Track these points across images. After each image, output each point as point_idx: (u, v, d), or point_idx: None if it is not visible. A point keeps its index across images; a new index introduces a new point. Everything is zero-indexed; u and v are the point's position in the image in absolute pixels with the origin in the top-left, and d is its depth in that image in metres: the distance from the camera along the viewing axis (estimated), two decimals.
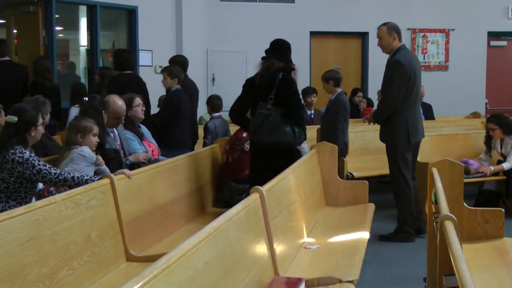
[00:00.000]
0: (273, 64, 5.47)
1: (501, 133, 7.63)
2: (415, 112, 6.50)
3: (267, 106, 5.38)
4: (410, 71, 6.29)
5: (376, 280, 5.33)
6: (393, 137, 6.44)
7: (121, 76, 7.27)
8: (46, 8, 9.27)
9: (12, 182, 4.28)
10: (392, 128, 6.44)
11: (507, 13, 12.91)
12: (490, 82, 13.09)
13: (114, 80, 7.21)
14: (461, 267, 2.21)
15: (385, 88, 6.46)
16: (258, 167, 5.53)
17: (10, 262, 3.13)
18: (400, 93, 6.29)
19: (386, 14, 11.77)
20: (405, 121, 6.36)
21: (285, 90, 5.42)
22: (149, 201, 4.83)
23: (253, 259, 3.37)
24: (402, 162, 6.41)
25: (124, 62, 7.39)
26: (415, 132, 6.45)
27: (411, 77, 6.30)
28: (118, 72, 7.37)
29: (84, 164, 4.73)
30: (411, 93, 6.36)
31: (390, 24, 6.48)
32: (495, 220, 4.39)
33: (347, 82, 12.48)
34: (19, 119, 4.35)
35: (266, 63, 5.52)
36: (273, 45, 5.65)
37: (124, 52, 8.06)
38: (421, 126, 6.61)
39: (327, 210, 5.99)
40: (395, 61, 6.33)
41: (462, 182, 4.48)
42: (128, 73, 7.37)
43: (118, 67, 7.43)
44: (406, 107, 6.37)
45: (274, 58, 5.50)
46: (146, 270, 2.15)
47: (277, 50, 5.58)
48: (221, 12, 11.92)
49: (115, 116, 5.58)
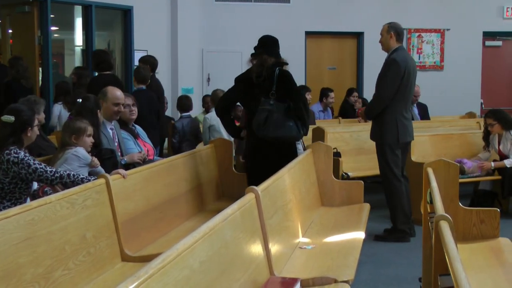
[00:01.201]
0: (266, 60, 5.47)
1: (500, 128, 7.64)
2: (405, 113, 6.53)
3: (270, 101, 5.39)
4: (404, 70, 6.32)
5: (372, 280, 5.33)
6: (382, 135, 6.49)
7: (101, 77, 7.44)
8: (41, 8, 9.27)
9: (7, 182, 4.27)
10: (381, 127, 6.49)
11: (502, 13, 12.94)
12: (485, 82, 13.12)
13: (94, 81, 7.42)
14: (457, 267, 2.21)
15: (378, 85, 6.50)
16: (260, 162, 5.55)
17: (5, 262, 3.12)
18: (391, 90, 6.33)
19: (381, 14, 11.81)
20: (395, 120, 6.41)
21: (286, 85, 5.46)
22: (144, 201, 4.83)
23: (249, 259, 3.37)
24: (391, 160, 6.46)
25: (103, 63, 7.52)
26: (405, 132, 6.48)
27: (405, 76, 6.33)
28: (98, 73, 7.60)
29: (77, 164, 4.73)
30: (404, 93, 6.39)
31: (393, 23, 6.53)
32: (490, 220, 4.40)
33: (343, 82, 12.53)
34: (16, 119, 4.34)
35: (258, 59, 5.52)
36: (261, 42, 5.66)
37: (103, 53, 8.16)
38: (411, 127, 6.64)
39: (323, 210, 5.99)
40: (391, 59, 6.39)
41: (457, 182, 4.48)
42: (108, 74, 7.50)
43: (97, 68, 7.59)
44: (397, 106, 6.40)
45: (264, 53, 5.50)
46: (141, 270, 2.15)
47: (265, 46, 5.58)
48: (216, 12, 11.92)
49: (115, 102, 5.60)
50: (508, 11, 12.96)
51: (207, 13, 11.83)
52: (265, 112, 5.37)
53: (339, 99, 11.86)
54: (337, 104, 11.88)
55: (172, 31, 11.18)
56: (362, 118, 7.04)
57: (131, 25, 10.52)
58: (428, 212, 4.21)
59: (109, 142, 5.49)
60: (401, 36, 6.50)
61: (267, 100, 5.40)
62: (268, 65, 5.46)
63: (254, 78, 5.48)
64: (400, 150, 6.55)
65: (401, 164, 6.57)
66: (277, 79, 5.43)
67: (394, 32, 6.43)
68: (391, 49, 6.47)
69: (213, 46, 11.78)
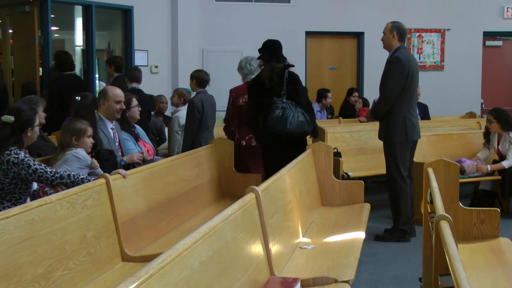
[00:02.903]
0: (275, 66, 5.95)
1: (499, 128, 7.63)
2: (412, 111, 6.53)
3: (283, 100, 5.88)
4: (408, 68, 6.32)
5: (372, 280, 5.33)
6: (391, 134, 6.46)
7: (62, 77, 7.69)
8: (41, 8, 9.26)
9: (7, 183, 4.26)
10: (390, 126, 6.46)
11: (502, 13, 12.93)
12: (485, 82, 13.10)
13: (54, 81, 7.58)
14: (457, 267, 2.21)
15: (382, 84, 6.49)
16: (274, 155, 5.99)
17: (5, 262, 3.12)
18: (397, 88, 6.32)
19: (381, 14, 11.80)
20: (403, 118, 6.39)
21: (294, 85, 5.97)
22: (144, 201, 4.83)
23: (249, 259, 3.37)
24: (400, 160, 6.44)
25: (64, 64, 7.83)
26: (413, 130, 6.46)
27: (409, 75, 6.33)
28: (59, 73, 7.83)
29: (77, 165, 4.72)
30: (408, 91, 6.39)
31: (397, 23, 6.53)
32: (490, 220, 4.40)
33: (343, 82, 12.53)
34: (16, 119, 4.33)
35: (268, 65, 5.98)
36: (267, 47, 6.06)
37: (64, 53, 8.38)
38: (418, 125, 6.62)
39: (323, 210, 5.99)
40: (394, 57, 6.39)
41: (457, 182, 4.48)
42: (69, 74, 7.75)
43: (59, 68, 7.87)
44: (403, 104, 6.40)
45: (273, 60, 5.98)
46: (141, 270, 2.15)
47: (273, 52, 6.03)
48: (216, 12, 11.91)
49: (117, 100, 5.61)
50: (508, 11, 12.94)
51: (207, 13, 11.82)
52: (279, 109, 5.84)
53: (339, 99, 11.86)
54: (338, 104, 11.88)
55: (172, 31, 11.17)
56: (367, 119, 7.05)
57: (131, 25, 10.51)
58: (428, 212, 4.21)
59: (110, 142, 5.49)
60: (403, 36, 6.50)
61: (280, 99, 5.89)
62: (278, 70, 5.95)
63: (267, 83, 5.95)
64: (409, 149, 6.55)
65: (408, 164, 6.57)
66: (287, 81, 5.94)
67: (397, 32, 6.43)
68: (392, 48, 6.47)
69: (213, 46, 11.78)
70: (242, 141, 6.76)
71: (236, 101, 6.76)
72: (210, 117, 7.46)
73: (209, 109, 7.39)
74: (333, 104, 11.63)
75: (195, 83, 7.54)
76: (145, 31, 10.63)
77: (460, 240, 4.21)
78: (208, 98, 7.48)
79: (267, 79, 5.95)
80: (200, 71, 7.73)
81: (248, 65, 6.91)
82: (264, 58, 6.03)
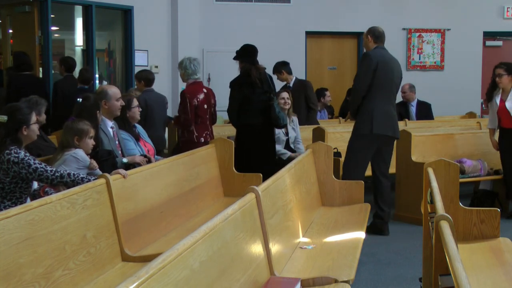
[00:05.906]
0: (260, 67, 6.87)
1: (509, 81, 7.43)
2: (386, 106, 6.59)
3: (274, 98, 6.92)
4: (376, 62, 6.48)
5: (372, 280, 5.33)
6: (358, 127, 6.63)
7: (20, 77, 7.86)
8: (41, 8, 9.25)
9: (7, 182, 4.27)
10: (357, 119, 6.64)
11: (502, 13, 12.93)
12: (485, 82, 13.04)
13: (13, 81, 7.76)
14: (457, 267, 2.21)
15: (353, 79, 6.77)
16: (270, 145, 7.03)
17: (5, 262, 3.12)
18: (364, 82, 6.49)
19: (381, 14, 11.81)
20: (371, 111, 6.49)
21: (272, 84, 6.99)
22: (144, 201, 4.82)
23: (249, 259, 3.37)
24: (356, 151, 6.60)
25: (23, 64, 8.03)
26: (380, 124, 6.50)
27: (378, 68, 6.47)
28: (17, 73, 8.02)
29: (75, 166, 4.72)
30: (379, 85, 6.49)
31: (371, 28, 6.76)
32: (490, 220, 4.40)
33: (343, 82, 12.53)
34: (9, 119, 4.33)
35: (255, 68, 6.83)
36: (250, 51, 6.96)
37: (23, 54, 8.53)
38: (392, 122, 6.66)
39: (323, 210, 6.00)
40: (363, 54, 6.81)
41: (457, 182, 4.48)
42: (27, 74, 7.92)
43: (17, 68, 8.07)
44: (374, 99, 6.50)
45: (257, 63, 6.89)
46: (141, 270, 2.15)
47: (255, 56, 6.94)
48: (216, 12, 11.91)
49: (117, 98, 5.67)
50: (508, 11, 12.94)
51: (207, 13, 11.82)
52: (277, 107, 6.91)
53: (339, 99, 11.86)
54: (338, 104, 11.88)
55: (172, 31, 11.17)
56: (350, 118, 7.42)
57: (131, 25, 10.51)
58: (428, 212, 4.21)
59: (110, 141, 5.50)
60: (379, 38, 6.68)
61: (272, 98, 6.85)
62: (262, 71, 6.87)
63: (258, 83, 6.78)
64: (377, 146, 6.60)
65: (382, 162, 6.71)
66: (270, 80, 6.93)
67: (372, 35, 6.67)
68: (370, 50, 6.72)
69: (213, 46, 11.77)
70: (201, 138, 6.98)
71: (192, 101, 6.91)
72: (157, 114, 7.98)
73: (155, 106, 7.95)
74: (333, 104, 11.64)
75: (143, 84, 8.08)
76: (145, 31, 10.62)
77: (460, 240, 4.20)
78: (155, 96, 8.07)
79: (258, 80, 6.78)
80: (146, 71, 8.36)
81: (192, 66, 7.09)
82: (250, 61, 6.85)
